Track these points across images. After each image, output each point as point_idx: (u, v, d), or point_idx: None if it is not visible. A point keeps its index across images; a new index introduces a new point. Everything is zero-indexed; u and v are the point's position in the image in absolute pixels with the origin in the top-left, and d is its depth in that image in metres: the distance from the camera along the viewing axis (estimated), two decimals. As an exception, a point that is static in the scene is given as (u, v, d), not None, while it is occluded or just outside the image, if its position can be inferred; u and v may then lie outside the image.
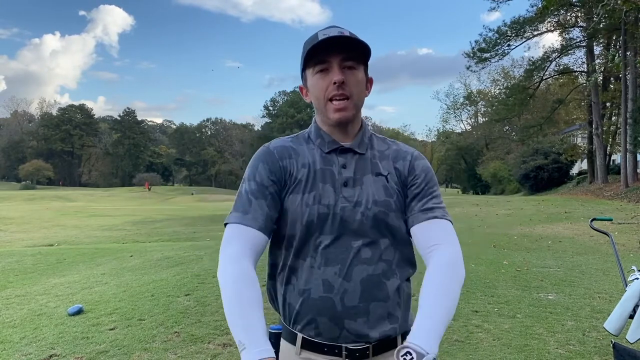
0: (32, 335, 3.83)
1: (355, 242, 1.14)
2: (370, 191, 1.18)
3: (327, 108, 1.18)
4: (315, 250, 1.15)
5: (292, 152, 1.23)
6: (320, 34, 1.15)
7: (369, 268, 1.13)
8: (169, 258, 7.88)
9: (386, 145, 1.28)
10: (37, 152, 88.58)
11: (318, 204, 1.15)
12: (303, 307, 1.14)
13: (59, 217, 22.39)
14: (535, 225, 12.53)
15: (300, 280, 1.15)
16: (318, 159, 1.21)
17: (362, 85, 1.20)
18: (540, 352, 3.37)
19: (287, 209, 1.18)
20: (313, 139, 1.25)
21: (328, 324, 1.12)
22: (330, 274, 1.13)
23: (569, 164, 33.16)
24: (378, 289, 1.14)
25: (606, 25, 23.51)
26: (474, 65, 30.01)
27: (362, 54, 1.18)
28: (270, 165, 1.20)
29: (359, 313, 1.12)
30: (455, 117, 66.33)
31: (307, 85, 1.22)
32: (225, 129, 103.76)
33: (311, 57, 1.16)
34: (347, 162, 1.20)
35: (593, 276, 6.02)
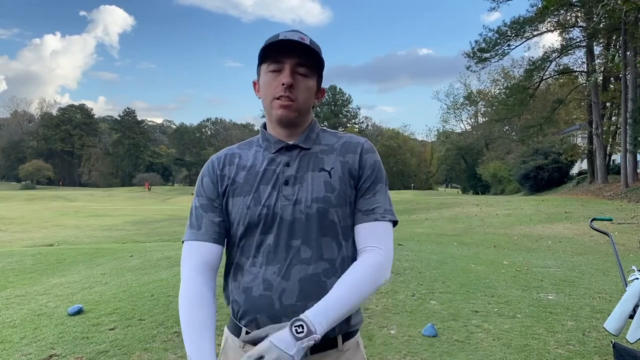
0: (32, 335, 3.83)
1: (295, 242, 1.15)
2: (310, 188, 1.18)
3: (272, 105, 1.20)
4: (257, 250, 1.17)
5: (235, 157, 1.27)
6: (282, 35, 1.17)
7: (308, 267, 1.14)
8: (169, 258, 7.88)
9: (336, 139, 1.29)
10: (37, 152, 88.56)
11: (259, 205, 1.17)
12: (245, 304, 1.17)
13: (59, 217, 22.39)
14: (535, 225, 12.53)
15: (244, 278, 1.19)
16: (261, 161, 1.23)
17: (310, 92, 1.22)
18: (540, 352, 3.37)
19: (230, 211, 1.22)
20: (260, 142, 1.28)
21: (266, 321, 1.14)
22: (269, 273, 1.15)
23: (569, 164, 33.15)
24: (317, 288, 1.14)
25: (606, 25, 23.51)
26: (474, 65, 30.01)
27: (316, 63, 1.20)
28: (212, 177, 1.25)
29: (296, 312, 1.11)
30: (455, 117, 66.42)
31: (259, 80, 1.24)
32: (225, 129, 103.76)
33: (267, 54, 1.18)
34: (291, 160, 1.22)
35: (593, 276, 6.01)
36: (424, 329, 3.77)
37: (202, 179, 1.27)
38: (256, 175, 1.21)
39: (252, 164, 1.24)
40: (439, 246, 8.82)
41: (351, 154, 1.24)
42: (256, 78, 1.27)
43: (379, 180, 1.25)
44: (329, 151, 1.25)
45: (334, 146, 1.26)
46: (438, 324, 3.96)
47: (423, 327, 3.81)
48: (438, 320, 4.08)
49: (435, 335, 3.70)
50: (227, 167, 1.25)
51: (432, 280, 5.58)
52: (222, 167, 1.26)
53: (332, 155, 1.24)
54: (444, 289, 5.17)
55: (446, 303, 4.62)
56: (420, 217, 16.79)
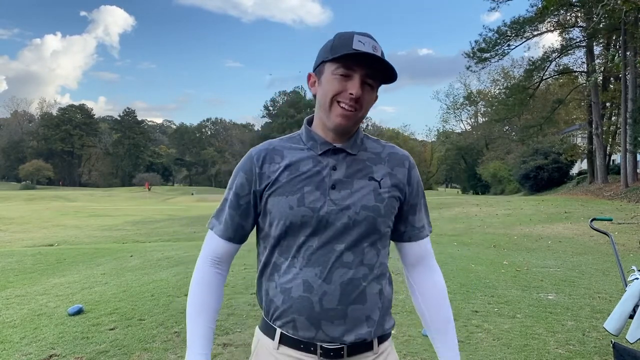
0: (32, 335, 3.83)
1: (339, 246, 1.15)
2: (360, 195, 1.17)
3: (332, 108, 1.16)
4: (298, 251, 1.16)
5: (277, 154, 1.22)
6: (356, 40, 1.12)
7: (349, 272, 1.14)
8: (169, 258, 7.88)
9: (380, 147, 1.28)
10: (37, 152, 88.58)
11: (303, 206, 1.15)
12: (283, 304, 1.16)
13: (59, 217, 22.39)
14: (535, 225, 12.53)
15: (282, 278, 1.17)
16: (306, 161, 1.20)
17: (371, 104, 1.20)
18: (540, 352, 3.37)
19: (271, 210, 1.19)
20: (305, 141, 1.24)
21: (305, 323, 1.14)
22: (310, 275, 1.14)
23: (569, 164, 33.14)
24: (358, 292, 1.15)
25: (606, 25, 23.50)
26: (474, 65, 29.98)
27: (385, 77, 1.18)
28: (248, 175, 1.22)
29: (337, 316, 1.13)
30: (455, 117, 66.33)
31: (321, 77, 1.18)
32: (225, 129, 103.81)
33: (340, 58, 1.13)
34: (338, 164, 1.20)
35: (593, 276, 6.01)
36: (424, 330, 3.76)
37: (238, 174, 1.25)
38: (300, 175, 1.18)
39: (297, 163, 1.20)
40: (439, 246, 8.81)
41: (399, 168, 1.24)
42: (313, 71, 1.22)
43: (423, 195, 1.32)
44: (376, 160, 1.23)
45: (380, 155, 1.25)
46: (438, 324, 3.96)
47: (423, 328, 3.81)
48: (438, 320, 4.08)
49: (435, 335, 3.70)
50: (267, 165, 1.22)
51: (432, 280, 5.58)
52: (262, 164, 1.22)
53: (381, 166, 1.23)
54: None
55: (446, 303, 4.61)
56: (420, 217, 16.74)
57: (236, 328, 3.91)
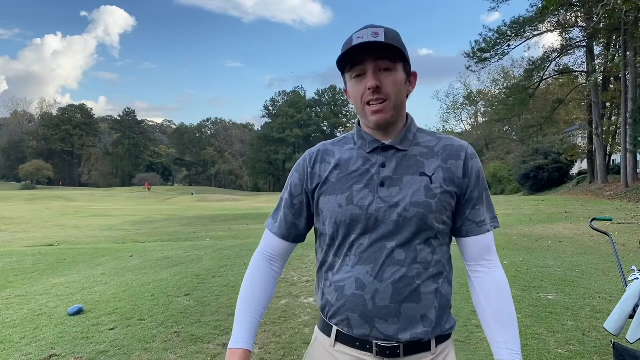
0: (32, 335, 3.83)
1: (389, 243, 1.14)
2: (410, 192, 1.15)
3: (365, 112, 1.17)
4: (350, 249, 1.17)
5: (328, 155, 1.25)
6: (355, 37, 1.13)
7: (402, 269, 1.13)
8: (169, 258, 7.88)
9: (436, 140, 1.23)
10: (37, 152, 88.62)
11: (351, 205, 1.16)
12: (337, 302, 1.17)
13: (59, 217, 22.39)
14: (535, 225, 12.53)
15: (336, 276, 1.19)
16: (356, 160, 1.21)
17: (400, 85, 1.16)
18: (540, 352, 3.37)
19: (322, 210, 1.21)
20: (355, 140, 1.25)
21: (359, 320, 1.14)
22: (362, 272, 1.14)
23: (569, 164, 33.12)
24: (411, 290, 1.13)
25: (606, 25, 23.49)
26: (474, 65, 29.95)
27: (398, 53, 1.15)
28: (301, 175, 1.27)
29: (390, 314, 1.12)
30: (455, 117, 66.23)
31: (347, 88, 1.22)
32: (225, 129, 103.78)
33: (345, 62, 1.15)
34: (387, 161, 1.18)
35: (593, 276, 6.01)
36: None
37: (292, 174, 1.29)
38: (350, 174, 1.19)
39: (346, 163, 1.21)
40: (439, 246, 8.80)
41: (454, 160, 1.20)
42: (344, 86, 1.26)
43: (485, 187, 1.24)
44: (429, 154, 1.20)
45: (434, 149, 1.21)
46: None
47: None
48: (438, 320, 4.08)
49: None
50: (318, 165, 1.24)
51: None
52: (314, 163, 1.25)
53: (434, 160, 1.19)
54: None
55: (446, 303, 4.61)
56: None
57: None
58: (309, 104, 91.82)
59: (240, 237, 12.36)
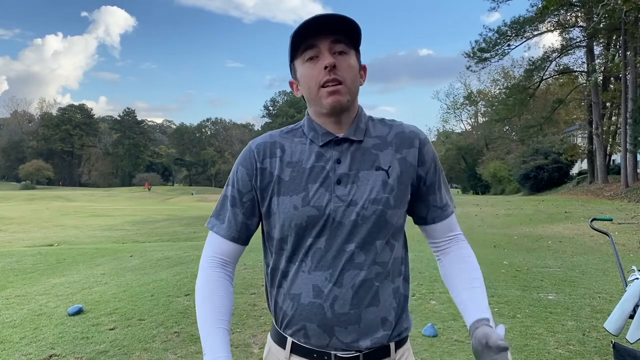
0: (32, 335, 3.83)
1: (349, 246, 1.07)
2: (367, 188, 1.09)
3: (319, 95, 1.09)
4: (305, 254, 1.09)
5: (278, 148, 1.15)
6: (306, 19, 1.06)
7: (361, 273, 1.07)
8: (169, 258, 7.88)
9: (387, 128, 1.18)
10: (37, 152, 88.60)
11: (308, 206, 1.08)
12: (293, 312, 1.10)
13: (59, 217, 22.39)
14: (535, 225, 12.53)
15: (291, 284, 1.11)
16: (308, 155, 1.12)
17: (354, 71, 1.11)
18: (540, 352, 3.37)
19: (274, 212, 1.12)
20: (306, 132, 1.16)
21: (317, 330, 1.08)
22: (320, 279, 1.07)
23: (569, 164, 33.15)
24: (371, 294, 1.08)
25: (606, 25, 23.51)
26: (474, 65, 30.03)
27: (353, 37, 1.10)
28: (249, 170, 1.15)
29: (350, 320, 1.06)
30: (455, 117, 66.41)
31: (297, 76, 1.14)
32: (225, 128, 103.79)
33: (298, 43, 1.08)
34: (342, 156, 1.11)
35: (593, 276, 6.01)
36: (424, 329, 3.77)
37: (238, 168, 1.17)
38: (304, 172, 1.11)
39: (299, 159, 1.12)
40: (439, 246, 8.80)
41: (407, 149, 1.15)
42: (291, 77, 1.18)
43: (440, 170, 1.21)
44: (382, 145, 1.14)
45: (386, 139, 1.15)
46: (438, 324, 3.96)
47: (423, 327, 3.81)
48: (438, 320, 4.08)
49: (435, 335, 3.70)
50: (268, 160, 1.14)
51: (432, 280, 5.58)
52: (263, 158, 1.14)
53: (388, 151, 1.13)
54: (444, 289, 5.16)
55: (446, 303, 4.61)
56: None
57: (236, 328, 3.91)
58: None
59: (240, 237, 12.34)
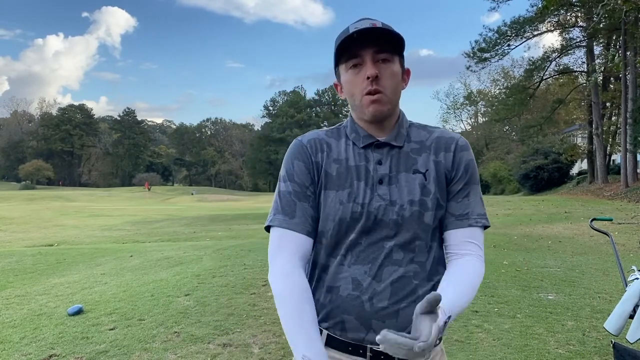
0: (32, 335, 3.83)
1: (388, 243, 1.10)
2: (406, 189, 1.12)
3: (362, 103, 1.12)
4: (346, 249, 1.12)
5: (325, 145, 1.18)
6: (352, 27, 1.09)
7: (400, 269, 1.10)
8: (169, 258, 7.88)
9: (427, 134, 1.20)
10: (37, 152, 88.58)
11: (352, 202, 1.11)
12: (331, 304, 1.12)
13: (59, 217, 22.39)
14: (535, 225, 12.53)
15: (329, 276, 1.13)
16: (352, 155, 1.16)
17: (397, 78, 1.13)
18: (540, 352, 3.37)
19: (321, 205, 1.15)
20: (348, 133, 1.19)
21: (355, 323, 1.09)
22: (359, 272, 1.10)
23: (569, 164, 33.14)
24: (409, 291, 1.10)
25: (606, 25, 23.50)
26: (474, 65, 29.96)
27: (396, 45, 1.12)
28: (306, 163, 1.16)
29: (388, 315, 1.08)
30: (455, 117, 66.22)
31: (341, 81, 1.17)
32: (225, 128, 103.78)
33: (343, 51, 1.11)
34: (382, 158, 1.15)
35: (593, 276, 6.01)
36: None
37: (293, 162, 1.17)
38: (349, 170, 1.14)
39: (344, 157, 1.16)
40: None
41: (444, 152, 1.17)
42: (336, 79, 1.20)
43: (473, 182, 1.18)
44: (421, 149, 1.17)
45: (425, 143, 1.18)
46: (438, 324, 3.96)
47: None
48: (438, 320, 4.07)
49: (435, 335, 3.70)
50: (319, 154, 1.17)
51: (432, 280, 5.58)
52: (315, 152, 1.17)
53: (425, 155, 1.16)
54: (444, 289, 5.16)
55: (446, 303, 4.61)
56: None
57: (236, 328, 3.91)
58: (309, 104, 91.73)
59: (240, 237, 12.36)
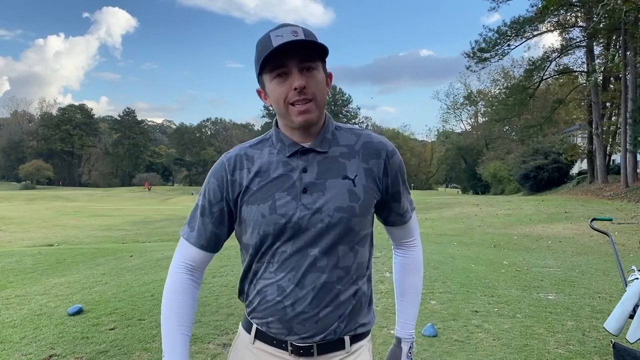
0: (32, 335, 3.83)
1: (312, 250, 1.13)
2: (332, 196, 1.13)
3: (289, 112, 1.12)
4: (273, 257, 1.16)
5: (247, 160, 1.20)
6: (273, 36, 1.07)
7: (323, 276, 1.13)
8: (169, 258, 7.83)
9: (354, 137, 1.22)
10: (37, 152, 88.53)
11: (275, 214, 1.13)
12: (259, 306, 1.20)
13: (59, 217, 22.39)
14: (535, 225, 12.53)
15: (259, 282, 1.20)
16: (276, 165, 1.17)
17: (323, 84, 1.14)
18: (540, 352, 3.37)
19: (245, 219, 1.19)
20: (274, 142, 1.20)
21: (278, 325, 1.17)
22: (284, 279, 1.15)
23: (569, 164, 33.14)
24: (331, 295, 1.14)
25: (606, 25, 23.51)
26: (474, 65, 30.03)
27: (320, 52, 1.13)
28: (219, 181, 1.20)
29: (308, 319, 1.14)
30: (455, 117, 66.38)
31: (265, 89, 1.16)
32: (225, 129, 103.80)
33: (267, 61, 1.09)
34: (308, 165, 1.16)
35: (593, 276, 6.01)
36: (424, 329, 3.77)
37: (209, 180, 1.23)
38: (271, 181, 1.16)
39: (267, 169, 1.17)
40: (439, 246, 8.81)
41: (375, 160, 1.19)
42: (259, 86, 1.20)
43: (404, 180, 1.27)
44: (349, 154, 1.18)
45: (354, 148, 1.19)
46: (438, 324, 3.96)
47: (423, 327, 3.81)
48: (438, 320, 4.08)
49: (435, 335, 3.70)
50: (237, 172, 1.19)
51: (432, 280, 5.58)
52: (233, 170, 1.20)
53: (354, 160, 1.18)
54: (444, 289, 5.17)
55: (446, 303, 4.62)
56: (420, 217, 16.78)
57: (236, 328, 3.91)
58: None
59: (240, 237, 12.35)
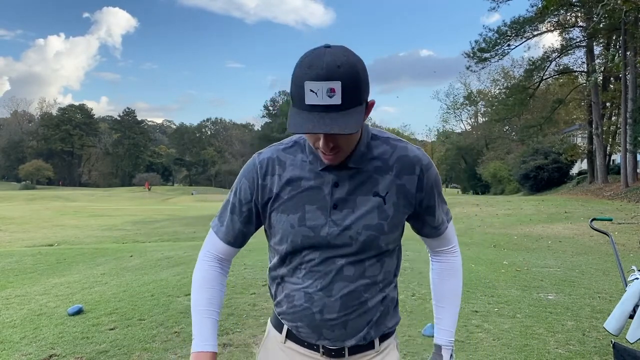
0: (32, 335, 3.83)
1: (339, 260, 1.14)
2: (362, 214, 1.13)
3: (318, 152, 1.11)
4: (300, 264, 1.18)
5: (279, 165, 1.18)
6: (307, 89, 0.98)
7: (350, 285, 1.15)
8: (169, 258, 7.88)
9: (390, 149, 1.17)
10: (37, 152, 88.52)
11: (304, 226, 1.14)
12: (288, 309, 1.21)
13: (59, 217, 22.39)
14: (535, 225, 12.53)
15: (287, 286, 1.21)
16: (308, 175, 1.15)
17: (355, 138, 1.09)
18: (540, 352, 3.37)
19: (274, 226, 1.20)
20: (307, 151, 1.17)
21: (306, 329, 1.19)
22: (312, 287, 1.16)
23: (569, 164, 33.14)
24: (359, 303, 1.16)
25: (606, 25, 23.52)
26: (474, 65, 30.01)
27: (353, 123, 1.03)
28: (250, 183, 1.20)
29: (337, 325, 1.16)
30: (455, 117, 66.34)
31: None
32: (225, 129, 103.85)
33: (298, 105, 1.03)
34: (340, 180, 1.13)
35: (593, 276, 6.02)
36: (424, 329, 3.77)
37: (241, 180, 1.22)
38: (302, 191, 1.15)
39: (298, 178, 1.15)
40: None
41: (407, 175, 1.16)
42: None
43: (439, 192, 1.25)
44: (383, 170, 1.15)
45: (388, 162, 1.15)
46: (438, 324, 3.96)
47: (423, 327, 3.81)
48: (438, 320, 4.08)
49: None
50: (269, 177, 1.18)
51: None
52: (264, 175, 1.18)
53: (388, 176, 1.15)
54: (444, 289, 5.16)
55: (446, 303, 4.61)
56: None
57: (236, 328, 3.91)
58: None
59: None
